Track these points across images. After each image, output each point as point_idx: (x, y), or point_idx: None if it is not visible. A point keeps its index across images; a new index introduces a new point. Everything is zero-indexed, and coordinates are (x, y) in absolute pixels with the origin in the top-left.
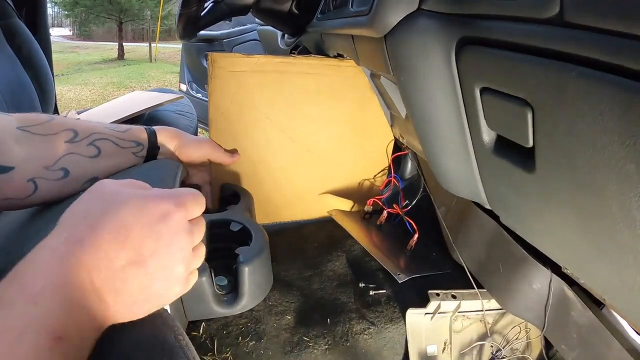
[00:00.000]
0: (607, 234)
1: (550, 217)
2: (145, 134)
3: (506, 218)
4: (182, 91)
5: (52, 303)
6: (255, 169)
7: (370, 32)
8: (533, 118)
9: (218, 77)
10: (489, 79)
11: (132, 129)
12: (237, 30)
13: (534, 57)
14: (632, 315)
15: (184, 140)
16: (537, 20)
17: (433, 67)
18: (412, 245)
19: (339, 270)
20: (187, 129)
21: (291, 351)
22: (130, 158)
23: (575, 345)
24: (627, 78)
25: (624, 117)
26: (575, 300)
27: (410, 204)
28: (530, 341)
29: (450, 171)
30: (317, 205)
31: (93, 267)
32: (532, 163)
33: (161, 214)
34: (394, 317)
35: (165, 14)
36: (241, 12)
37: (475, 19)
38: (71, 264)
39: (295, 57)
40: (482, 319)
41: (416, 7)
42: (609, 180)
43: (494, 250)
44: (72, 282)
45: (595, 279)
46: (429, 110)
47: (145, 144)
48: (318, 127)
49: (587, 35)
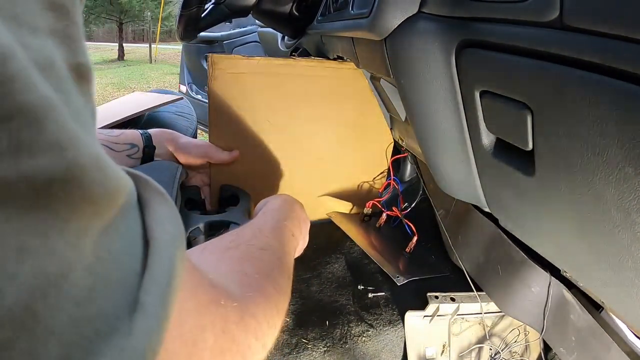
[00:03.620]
0: (606, 237)
1: (550, 220)
2: (139, 135)
3: (505, 221)
4: (182, 92)
5: (284, 232)
6: (254, 170)
7: (371, 35)
8: (532, 121)
9: (218, 79)
10: (489, 82)
11: (125, 132)
12: (238, 32)
13: (534, 61)
14: (631, 319)
15: (181, 142)
16: (537, 24)
17: (433, 70)
18: (411, 248)
19: (338, 273)
20: (187, 131)
21: (289, 353)
22: (125, 161)
23: (573, 348)
24: (626, 82)
25: (623, 121)
26: (574, 303)
27: (410, 206)
28: (529, 344)
29: (450, 174)
30: (316, 207)
31: (292, 225)
32: (532, 166)
33: (301, 209)
34: (392, 320)
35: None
36: (242, 13)
37: (475, 22)
38: (285, 226)
39: (295, 59)
40: (481, 322)
41: (416, 10)
42: (608, 184)
43: (493, 253)
44: (284, 230)
45: (594, 282)
46: (429, 113)
47: (140, 145)
48: (318, 129)
49: (587, 38)
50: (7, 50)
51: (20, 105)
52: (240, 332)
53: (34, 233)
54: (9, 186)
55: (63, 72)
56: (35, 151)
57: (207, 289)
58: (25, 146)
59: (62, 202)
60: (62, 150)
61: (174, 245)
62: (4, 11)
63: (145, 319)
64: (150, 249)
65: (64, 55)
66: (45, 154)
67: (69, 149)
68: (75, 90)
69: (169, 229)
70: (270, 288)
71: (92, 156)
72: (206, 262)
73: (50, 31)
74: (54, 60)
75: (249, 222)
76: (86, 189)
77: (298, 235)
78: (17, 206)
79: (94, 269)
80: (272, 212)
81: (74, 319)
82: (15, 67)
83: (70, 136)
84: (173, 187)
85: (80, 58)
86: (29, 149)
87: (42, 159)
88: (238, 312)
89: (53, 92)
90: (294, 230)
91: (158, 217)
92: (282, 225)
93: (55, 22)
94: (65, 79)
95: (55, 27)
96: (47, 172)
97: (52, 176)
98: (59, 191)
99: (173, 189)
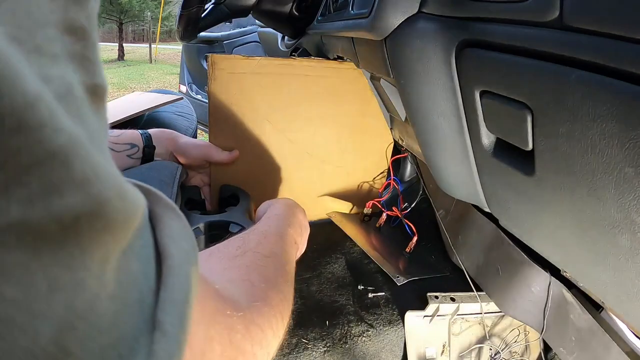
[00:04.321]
0: (606, 237)
1: (549, 220)
2: (138, 135)
3: (505, 221)
4: (182, 92)
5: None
6: (254, 170)
7: (371, 35)
8: (532, 121)
9: (218, 79)
10: (489, 82)
11: (125, 133)
12: (238, 32)
13: (534, 61)
14: (631, 319)
15: (181, 142)
16: (537, 24)
17: (433, 70)
18: (411, 248)
19: (338, 273)
20: (187, 131)
21: (290, 353)
22: (125, 160)
23: (574, 348)
24: (626, 81)
25: (623, 121)
26: (574, 303)
27: (410, 206)
28: (529, 344)
29: (450, 174)
30: (316, 207)
31: (294, 232)
32: (532, 166)
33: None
34: (392, 320)
35: (166, 15)
36: (242, 13)
37: (475, 22)
38: (288, 233)
39: (295, 59)
40: (481, 322)
41: (416, 10)
42: (607, 184)
43: (493, 253)
44: (287, 237)
45: (594, 282)
46: (429, 113)
47: (140, 145)
48: (317, 129)
49: (587, 38)
50: (35, 95)
51: (50, 150)
52: (247, 342)
53: (62, 269)
54: (41, 227)
55: (80, 96)
56: (65, 191)
57: (214, 299)
58: (55, 188)
59: (87, 235)
60: (89, 186)
61: (188, 261)
62: (26, 44)
63: (166, 342)
64: (165, 267)
65: (81, 78)
66: (74, 192)
67: (95, 184)
68: (91, 112)
69: (182, 245)
70: (275, 297)
71: (116, 187)
72: (213, 270)
73: (68, 55)
74: (73, 85)
75: (253, 227)
76: (109, 219)
77: (299, 242)
78: (47, 244)
79: (115, 294)
80: (276, 218)
81: (100, 346)
82: (43, 112)
83: (95, 170)
84: (173, 187)
85: (96, 79)
86: (58, 190)
87: (71, 198)
88: (244, 322)
89: (75, 124)
90: (296, 237)
91: (171, 233)
92: (286, 233)
93: (74, 45)
94: (82, 103)
95: (73, 50)
96: (76, 209)
97: (79, 213)
98: (85, 225)
99: (173, 189)
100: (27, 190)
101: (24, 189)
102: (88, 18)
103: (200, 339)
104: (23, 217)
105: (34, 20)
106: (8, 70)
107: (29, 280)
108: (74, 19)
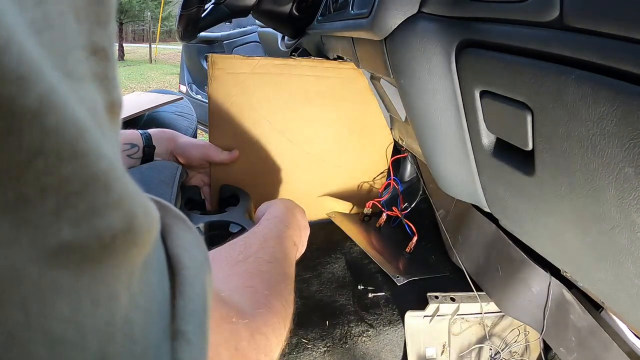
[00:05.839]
0: (606, 237)
1: (550, 220)
2: (138, 135)
3: (505, 221)
4: (182, 92)
5: (287, 242)
6: (254, 170)
7: (371, 35)
8: (532, 121)
9: (218, 79)
10: (489, 82)
11: (125, 133)
12: (238, 32)
13: (534, 61)
14: (631, 319)
15: (181, 142)
16: (537, 24)
17: (433, 70)
18: (411, 248)
19: (338, 273)
20: (187, 131)
21: (290, 353)
22: (125, 160)
23: (574, 348)
24: (626, 81)
25: (623, 121)
26: (574, 304)
27: (410, 206)
28: (529, 344)
29: (450, 174)
30: (316, 207)
31: (293, 234)
32: (532, 166)
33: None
34: (392, 320)
35: (166, 15)
36: (242, 13)
37: (475, 22)
38: (288, 235)
39: (295, 59)
40: (480, 322)
41: (416, 10)
42: (607, 184)
43: (493, 253)
44: (287, 240)
45: (594, 282)
46: (429, 113)
47: (140, 145)
48: (317, 129)
49: (587, 38)
50: (83, 125)
51: (94, 174)
52: (252, 349)
53: (102, 284)
54: (86, 247)
55: (102, 114)
56: (105, 211)
57: (219, 306)
58: (97, 209)
59: (120, 251)
60: (124, 206)
61: (203, 272)
62: (63, 70)
63: (191, 349)
64: (181, 277)
65: (103, 96)
66: (112, 213)
67: (127, 202)
68: (111, 129)
69: (196, 255)
70: (278, 304)
71: (142, 204)
72: (216, 276)
73: (93, 76)
74: (97, 105)
75: (253, 229)
76: (137, 235)
77: (298, 243)
78: (89, 262)
79: (141, 305)
80: (276, 220)
81: (133, 355)
82: (89, 139)
83: (127, 190)
84: (173, 187)
85: (114, 96)
86: (99, 212)
87: (110, 218)
88: (249, 330)
89: (109, 147)
90: (296, 239)
91: (183, 243)
92: (286, 235)
93: (97, 67)
94: (104, 121)
95: (96, 71)
96: (114, 227)
97: (117, 231)
98: (120, 243)
99: (173, 189)
100: (76, 213)
101: (73, 212)
102: (109, 39)
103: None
104: (72, 238)
105: (67, 46)
106: (61, 102)
107: (77, 298)
108: (97, 41)
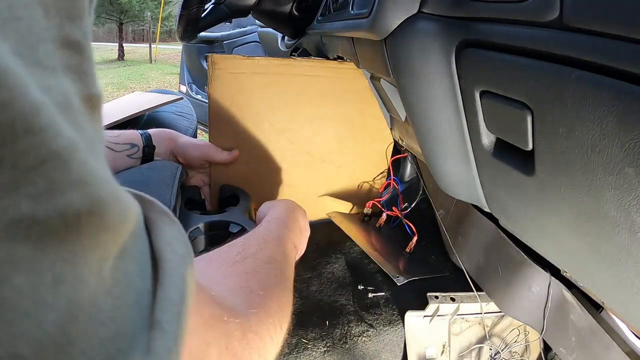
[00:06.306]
0: (606, 237)
1: (550, 220)
2: (138, 135)
3: (505, 221)
4: (182, 92)
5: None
6: (254, 170)
7: (371, 35)
8: (532, 121)
9: (218, 79)
10: (489, 82)
11: (124, 132)
12: (238, 32)
13: (534, 61)
14: (631, 319)
15: (181, 142)
16: (537, 24)
17: (433, 70)
18: (411, 248)
19: (338, 273)
20: (187, 131)
21: (289, 353)
22: (125, 160)
23: (574, 348)
24: (626, 81)
25: (623, 121)
26: (574, 304)
27: (410, 206)
28: (529, 344)
29: (450, 174)
30: (316, 207)
31: (294, 236)
32: (532, 166)
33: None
34: (392, 320)
35: (166, 15)
36: (242, 13)
37: (475, 22)
38: (288, 237)
39: (295, 59)
40: (480, 322)
41: (416, 10)
42: (607, 184)
43: (493, 253)
44: (287, 242)
45: (594, 282)
46: (429, 113)
47: (139, 145)
48: (317, 129)
49: (587, 38)
50: (39, 103)
51: (51, 151)
52: (244, 349)
53: (65, 263)
54: (46, 222)
55: (77, 106)
56: (65, 189)
57: (210, 305)
58: (57, 185)
59: (87, 233)
60: (86, 186)
61: (184, 265)
62: (29, 58)
63: (164, 337)
64: (161, 270)
65: (78, 89)
66: (73, 191)
67: (91, 184)
68: (87, 121)
69: (177, 249)
70: (274, 305)
71: (110, 189)
72: (213, 277)
73: (65, 68)
74: (70, 95)
75: (253, 231)
76: (106, 219)
77: (298, 245)
78: (51, 239)
79: (113, 291)
80: (277, 221)
81: (100, 339)
82: (46, 117)
83: (91, 172)
84: (173, 187)
85: (92, 89)
86: (60, 188)
87: (71, 195)
88: (241, 329)
89: (73, 131)
90: (295, 241)
91: (166, 238)
92: (285, 237)
93: (70, 59)
94: (78, 112)
95: (70, 63)
96: (75, 206)
97: (79, 210)
98: (85, 223)
99: (173, 189)
100: (34, 188)
101: (32, 187)
102: (83, 34)
103: (196, 344)
104: (31, 212)
105: (35, 37)
106: (16, 81)
107: (36, 272)
108: (69, 35)
